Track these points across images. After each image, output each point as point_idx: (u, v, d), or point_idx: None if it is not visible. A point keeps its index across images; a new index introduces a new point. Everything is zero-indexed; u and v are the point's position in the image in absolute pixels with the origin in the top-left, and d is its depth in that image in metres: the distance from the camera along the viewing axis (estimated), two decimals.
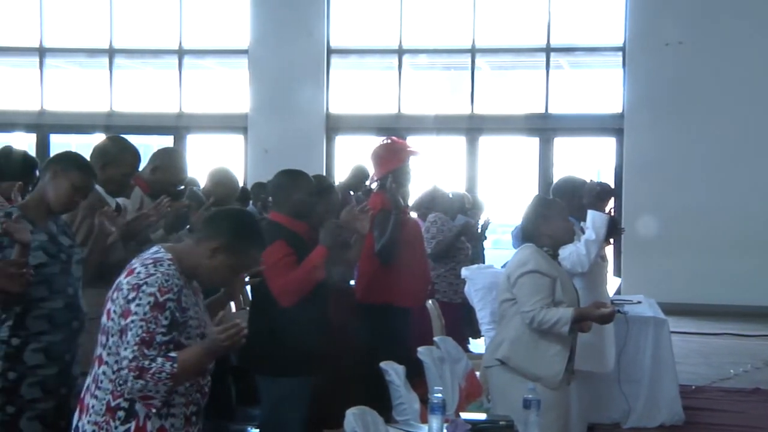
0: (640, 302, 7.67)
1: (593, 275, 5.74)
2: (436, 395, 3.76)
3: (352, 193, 8.64)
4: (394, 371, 4.67)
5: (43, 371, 3.92)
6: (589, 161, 14.70)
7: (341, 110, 14.44)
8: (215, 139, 15.34)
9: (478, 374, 5.51)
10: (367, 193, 8.08)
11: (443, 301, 7.84)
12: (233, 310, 6.02)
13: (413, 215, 7.40)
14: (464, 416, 4.23)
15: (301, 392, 4.80)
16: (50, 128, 14.95)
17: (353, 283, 6.19)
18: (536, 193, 8.63)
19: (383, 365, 4.70)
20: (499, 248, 12.15)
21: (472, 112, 14.12)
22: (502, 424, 4.08)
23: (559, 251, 4.89)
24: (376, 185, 6.42)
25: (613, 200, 7.92)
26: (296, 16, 14.15)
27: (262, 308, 4.88)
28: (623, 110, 13.70)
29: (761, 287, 12.71)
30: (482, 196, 11.46)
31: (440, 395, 3.77)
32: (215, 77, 16.02)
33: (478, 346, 8.48)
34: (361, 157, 8.83)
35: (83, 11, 15.08)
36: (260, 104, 14.30)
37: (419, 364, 5.09)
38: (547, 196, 5.51)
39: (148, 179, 5.14)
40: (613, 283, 8.74)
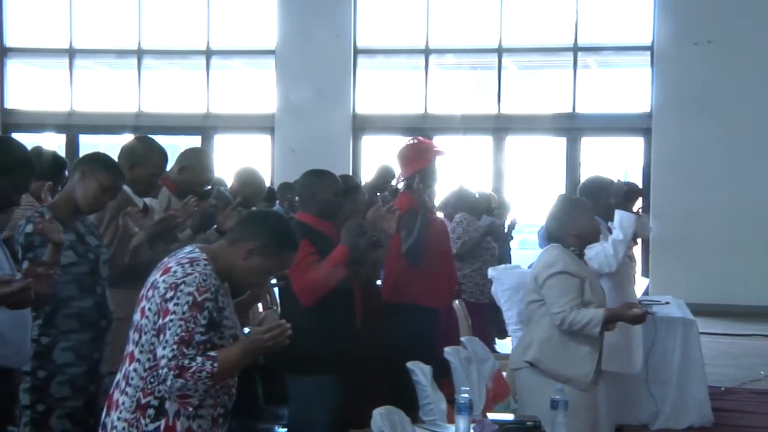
0: (668, 303, 7.62)
1: (621, 275, 5.70)
2: (463, 395, 3.76)
3: (378, 193, 8.65)
4: (420, 371, 4.67)
5: (72, 369, 3.96)
6: (616, 161, 14.63)
7: (368, 110, 14.45)
8: (242, 139, 15.40)
9: (505, 375, 5.50)
10: (393, 193, 8.08)
11: (470, 301, 7.86)
12: (260, 309, 6.06)
13: (440, 215, 7.40)
14: (491, 417, 4.23)
15: (328, 391, 4.80)
16: (79, 129, 15.07)
17: (380, 282, 6.19)
18: (563, 193, 8.58)
19: (410, 365, 4.70)
20: (525, 248, 12.10)
21: (498, 111, 14.08)
22: (529, 424, 4.06)
23: (585, 251, 4.87)
24: (402, 185, 6.41)
25: (640, 200, 7.87)
26: (323, 16, 14.17)
27: (289, 307, 4.89)
28: (651, 110, 13.61)
29: None
30: (509, 196, 11.45)
31: (467, 395, 3.77)
32: (242, 77, 16.05)
33: (504, 346, 8.46)
34: (387, 157, 8.84)
35: (112, 13, 15.18)
36: (287, 104, 14.32)
37: (446, 364, 5.09)
38: (573, 195, 5.49)
39: (175, 179, 5.16)
40: (640, 283, 8.69)
